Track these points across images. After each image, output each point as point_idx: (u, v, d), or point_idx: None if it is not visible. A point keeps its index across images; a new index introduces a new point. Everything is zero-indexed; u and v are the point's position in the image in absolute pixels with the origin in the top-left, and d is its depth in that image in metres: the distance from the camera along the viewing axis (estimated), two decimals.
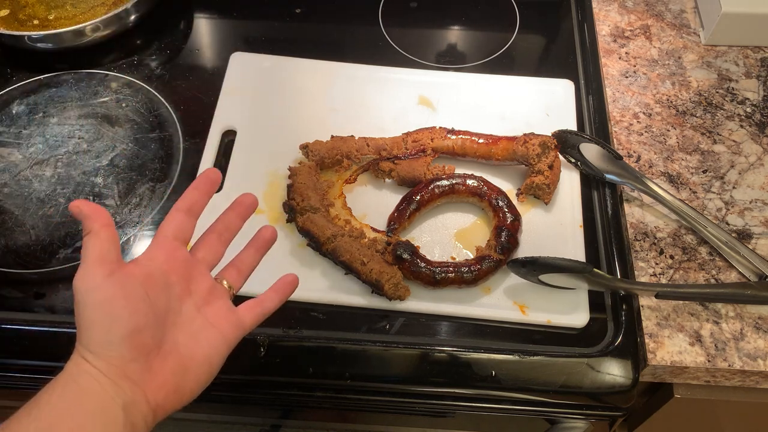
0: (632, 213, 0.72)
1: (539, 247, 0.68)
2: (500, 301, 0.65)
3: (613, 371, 0.61)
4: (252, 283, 0.63)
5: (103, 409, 0.45)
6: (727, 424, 0.81)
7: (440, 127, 0.74)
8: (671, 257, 0.68)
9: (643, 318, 0.64)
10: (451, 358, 0.62)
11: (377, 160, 0.72)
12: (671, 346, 0.63)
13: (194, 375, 0.49)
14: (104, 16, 0.82)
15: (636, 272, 0.68)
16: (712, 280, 0.67)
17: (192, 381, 0.49)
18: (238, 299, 0.55)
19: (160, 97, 0.82)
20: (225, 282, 0.55)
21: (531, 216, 0.71)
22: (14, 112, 0.81)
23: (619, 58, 0.85)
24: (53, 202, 0.73)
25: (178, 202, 0.55)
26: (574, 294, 0.65)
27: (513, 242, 0.66)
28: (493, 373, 0.61)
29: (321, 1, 0.92)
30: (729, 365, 0.62)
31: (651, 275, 0.67)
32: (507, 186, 0.73)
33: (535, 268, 0.63)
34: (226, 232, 0.57)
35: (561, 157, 0.73)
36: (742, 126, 0.78)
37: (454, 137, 0.73)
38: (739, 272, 0.67)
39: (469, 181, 0.70)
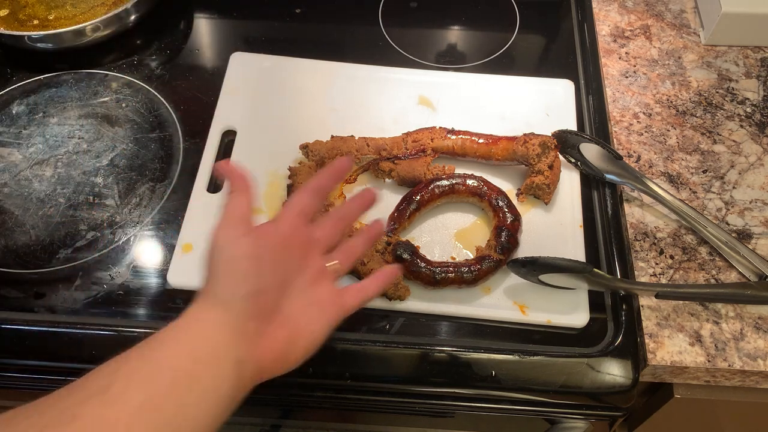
0: (632, 213, 0.72)
1: (539, 247, 0.68)
2: (500, 301, 0.65)
3: (613, 371, 0.61)
4: None
5: (217, 359, 0.46)
6: (727, 424, 0.81)
7: (440, 127, 0.74)
8: (671, 257, 0.68)
9: (643, 318, 0.64)
10: (451, 358, 0.62)
11: (377, 160, 0.72)
12: (671, 346, 0.63)
13: (299, 347, 0.51)
14: (104, 16, 0.82)
15: (636, 272, 0.68)
16: (712, 280, 0.67)
17: (296, 352, 0.51)
18: None
19: (160, 97, 0.82)
20: (333, 264, 0.56)
21: (531, 216, 0.71)
22: (14, 112, 0.81)
23: (619, 58, 0.85)
24: (53, 202, 0.73)
25: (309, 182, 0.58)
26: (574, 294, 0.65)
27: (513, 242, 0.66)
28: (493, 373, 0.61)
29: (321, 1, 0.92)
30: (729, 365, 0.62)
31: (651, 275, 0.67)
32: (507, 186, 0.73)
33: (535, 268, 0.63)
34: (346, 219, 0.58)
35: (561, 157, 0.73)
36: (742, 126, 0.78)
37: (454, 137, 0.73)
38: (739, 272, 0.67)
39: (469, 181, 0.70)
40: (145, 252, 0.70)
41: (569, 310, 0.64)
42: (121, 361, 0.45)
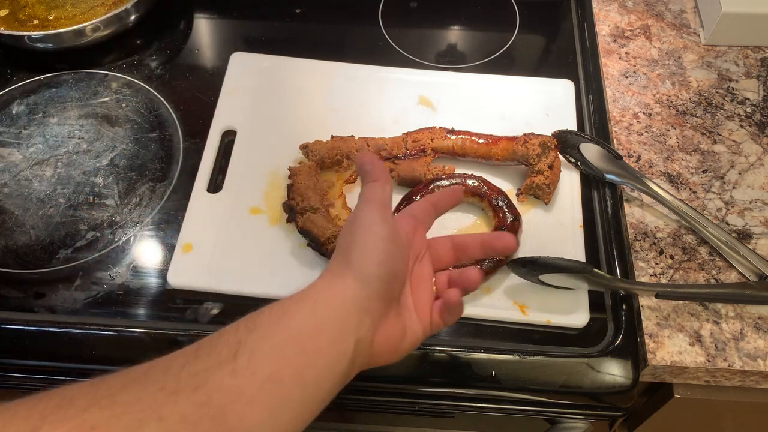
0: (632, 213, 0.72)
1: (539, 247, 0.68)
2: (500, 301, 0.65)
3: (613, 371, 0.61)
4: (253, 283, 0.63)
5: (341, 337, 0.46)
6: (727, 424, 0.81)
7: (440, 127, 0.74)
8: (671, 257, 0.68)
9: (643, 318, 0.64)
10: (451, 358, 0.62)
11: None
12: (671, 346, 0.63)
13: (407, 341, 0.51)
14: (104, 16, 0.82)
15: (636, 272, 0.68)
16: (712, 280, 0.67)
17: (404, 347, 0.51)
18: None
19: (160, 97, 0.82)
20: (434, 281, 0.57)
21: (531, 216, 0.71)
22: (14, 112, 0.81)
23: (619, 58, 0.85)
24: (53, 202, 0.73)
25: (429, 196, 0.60)
26: (574, 294, 0.65)
27: None
28: (493, 373, 0.61)
29: (321, 1, 0.92)
30: (729, 365, 0.62)
31: (651, 275, 0.67)
32: (507, 186, 0.73)
33: (535, 268, 0.63)
34: (462, 251, 0.58)
35: (561, 157, 0.73)
36: (742, 126, 0.78)
37: (454, 137, 0.73)
38: (739, 272, 0.67)
39: (469, 181, 0.70)
40: (145, 252, 0.70)
41: (569, 310, 0.64)
42: (248, 326, 0.44)
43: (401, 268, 0.50)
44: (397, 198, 0.70)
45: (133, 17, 0.85)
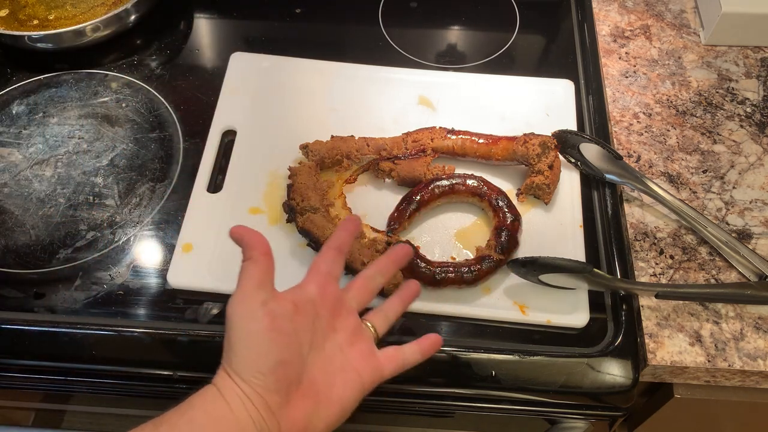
0: (632, 213, 0.72)
1: (539, 247, 0.68)
2: (500, 301, 0.65)
3: (613, 371, 0.61)
4: None
5: (242, 431, 0.46)
6: (727, 424, 0.81)
7: (440, 127, 0.74)
8: (671, 257, 0.68)
9: (643, 318, 0.64)
10: (451, 358, 0.62)
11: (377, 160, 0.72)
12: (671, 346, 0.63)
13: (325, 416, 0.50)
14: (104, 16, 0.82)
15: (636, 272, 0.68)
16: (712, 280, 0.67)
17: (322, 421, 0.50)
18: None
19: (160, 97, 0.82)
20: (370, 325, 0.56)
21: (531, 216, 0.71)
22: (14, 112, 0.81)
23: (619, 58, 0.85)
24: (53, 202, 0.73)
25: (329, 241, 0.56)
26: (574, 294, 0.65)
27: (513, 242, 0.66)
28: (493, 373, 0.61)
29: (321, 1, 0.92)
30: (729, 365, 0.62)
31: (651, 275, 0.67)
32: (507, 186, 0.73)
33: (535, 268, 0.63)
34: (379, 277, 0.57)
35: (561, 157, 0.73)
36: (742, 126, 0.78)
37: (454, 137, 0.73)
38: (739, 272, 0.67)
39: (469, 181, 0.70)
40: (145, 252, 0.70)
41: (569, 310, 0.64)
42: (153, 425, 0.45)
43: (291, 351, 0.49)
44: (396, 198, 0.70)
45: (133, 17, 0.85)
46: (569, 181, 0.73)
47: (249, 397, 0.47)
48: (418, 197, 0.69)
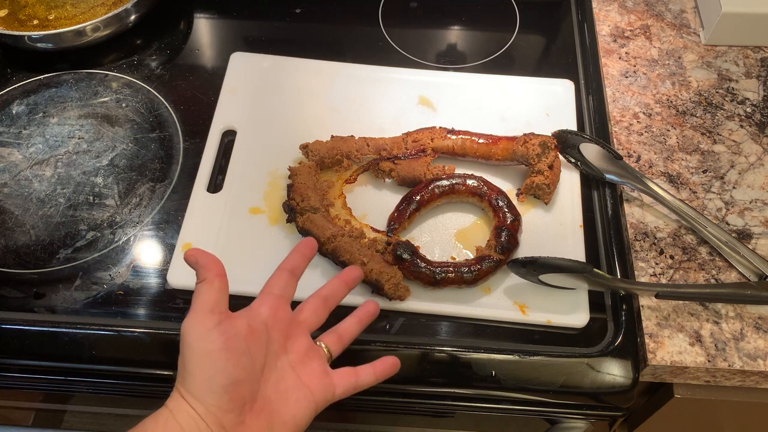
0: (632, 213, 0.72)
1: (539, 247, 0.68)
2: (500, 301, 0.65)
3: (613, 371, 0.61)
4: (253, 283, 0.63)
5: None
6: (727, 424, 0.81)
7: (440, 127, 0.74)
8: (671, 257, 0.68)
9: (643, 318, 0.64)
10: (451, 358, 0.62)
11: (377, 160, 0.72)
12: (671, 346, 0.63)
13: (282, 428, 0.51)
14: (104, 16, 0.82)
15: (636, 272, 0.68)
16: (712, 280, 0.67)
17: None
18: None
19: (160, 97, 0.82)
20: (323, 345, 0.56)
21: (531, 216, 0.71)
22: (14, 112, 0.81)
23: (619, 58, 0.85)
24: (53, 202, 0.73)
25: (283, 263, 0.57)
26: (574, 294, 0.65)
27: (513, 242, 0.66)
28: (493, 373, 0.61)
29: (321, 1, 0.92)
30: (729, 365, 0.62)
31: (651, 275, 0.67)
32: (507, 186, 0.73)
33: (535, 268, 0.63)
34: (331, 298, 0.58)
35: (561, 157, 0.73)
36: (742, 126, 0.78)
37: (454, 137, 0.73)
38: (739, 272, 0.67)
39: (469, 181, 0.70)
40: (145, 252, 0.70)
41: (569, 310, 0.64)
42: None
43: (244, 371, 0.49)
44: (396, 198, 0.70)
45: (133, 17, 0.85)
46: (569, 181, 0.73)
47: (203, 418, 0.47)
48: (418, 197, 0.69)
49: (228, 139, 0.76)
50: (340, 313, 0.60)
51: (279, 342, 0.53)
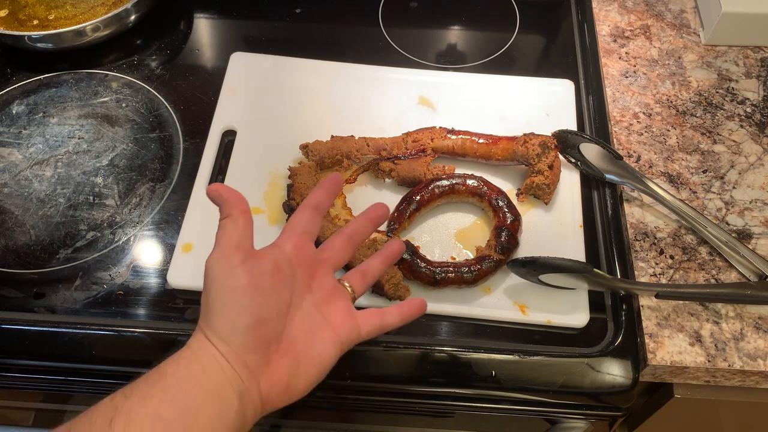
0: (632, 213, 0.72)
1: (539, 247, 0.68)
2: (500, 301, 0.65)
3: (613, 371, 0.61)
4: None
5: (220, 393, 0.45)
6: (727, 424, 0.81)
7: (440, 127, 0.74)
8: (671, 257, 0.68)
9: (643, 318, 0.64)
10: (451, 358, 0.62)
11: (377, 160, 0.72)
12: (671, 346, 0.63)
13: (306, 373, 0.50)
14: (104, 16, 0.82)
15: (636, 272, 0.68)
16: (712, 280, 0.67)
17: (303, 379, 0.49)
18: None
19: (160, 97, 0.82)
20: (347, 284, 0.55)
21: (531, 216, 0.71)
22: (14, 112, 0.81)
23: (619, 58, 0.85)
24: (53, 202, 0.73)
25: (307, 199, 0.56)
26: (574, 294, 0.65)
27: (513, 242, 0.66)
28: (493, 373, 0.61)
29: (321, 1, 0.92)
30: (729, 365, 0.62)
31: (651, 275, 0.67)
32: (507, 186, 0.73)
33: (535, 268, 0.63)
34: (356, 236, 0.57)
35: (561, 157, 0.73)
36: (742, 126, 0.78)
37: (454, 137, 0.73)
38: (739, 272, 0.67)
39: (469, 181, 0.70)
40: (145, 252, 0.70)
41: (569, 310, 0.64)
42: (123, 396, 0.44)
43: (269, 309, 0.48)
44: (396, 198, 0.70)
45: (133, 17, 0.85)
46: (569, 181, 0.73)
47: (226, 358, 0.46)
48: (418, 197, 0.69)
49: (228, 139, 0.76)
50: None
51: (304, 280, 0.52)
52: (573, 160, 0.73)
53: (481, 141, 0.73)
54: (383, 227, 0.69)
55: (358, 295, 0.56)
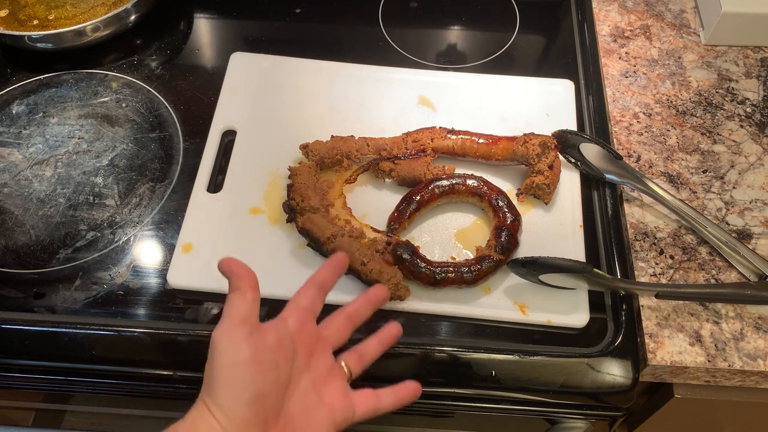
0: (632, 213, 0.72)
1: (539, 247, 0.68)
2: (500, 301, 0.65)
3: (613, 371, 0.61)
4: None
5: None
6: (727, 424, 0.81)
7: (440, 127, 0.74)
8: (671, 257, 0.68)
9: (643, 318, 0.64)
10: (451, 358, 0.62)
11: (377, 160, 0.72)
12: (671, 346, 0.63)
13: None
14: (104, 16, 0.82)
15: (636, 272, 0.68)
16: (712, 280, 0.67)
17: None
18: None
19: (160, 97, 0.82)
20: (344, 364, 0.56)
21: (531, 216, 0.71)
22: (14, 112, 0.81)
23: (619, 58, 0.85)
24: (53, 202, 0.73)
25: (313, 277, 0.57)
26: (574, 294, 0.65)
27: (513, 242, 0.66)
28: (493, 373, 0.61)
29: (321, 1, 0.92)
30: (729, 365, 0.62)
31: (651, 275, 0.67)
32: (507, 186, 0.73)
33: (535, 268, 0.63)
34: (356, 317, 0.58)
35: (561, 157, 0.73)
36: (742, 126, 0.78)
37: (454, 137, 0.73)
38: (739, 272, 0.67)
39: (469, 181, 0.70)
40: (145, 252, 0.70)
41: (569, 310, 0.64)
42: None
43: (271, 384, 0.49)
44: (396, 198, 0.70)
45: (133, 17, 0.85)
46: (569, 181, 0.73)
47: (228, 426, 0.47)
48: (418, 197, 0.69)
49: (228, 139, 0.76)
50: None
51: (303, 357, 0.53)
52: (573, 160, 0.73)
53: (481, 141, 0.73)
54: (383, 227, 0.69)
55: (354, 376, 0.56)
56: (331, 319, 0.57)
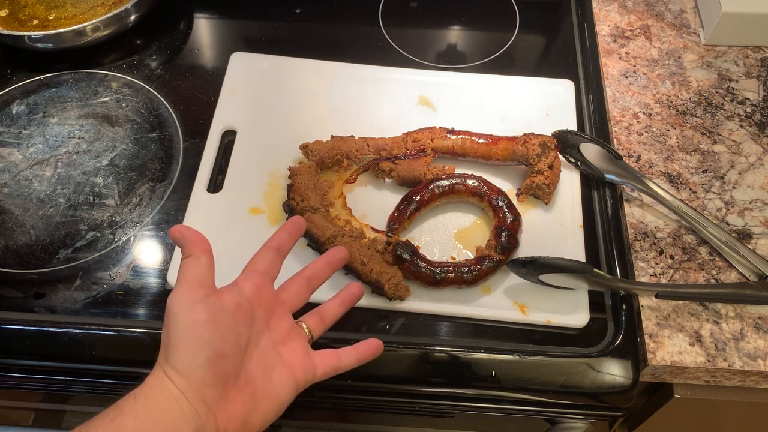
0: (632, 213, 0.72)
1: (539, 247, 0.68)
2: (500, 301, 0.65)
3: (613, 371, 0.61)
4: None
5: (176, 430, 0.46)
6: (727, 424, 0.81)
7: (440, 127, 0.74)
8: (671, 257, 0.68)
9: (643, 318, 0.64)
10: (451, 358, 0.62)
11: (377, 160, 0.72)
12: (671, 346, 0.63)
13: (262, 410, 0.50)
14: (104, 16, 0.82)
15: (636, 272, 0.68)
16: (712, 280, 0.67)
17: (260, 416, 0.50)
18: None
19: (160, 97, 0.82)
20: (305, 326, 0.56)
21: (531, 216, 0.71)
22: (14, 112, 0.81)
23: (619, 58, 0.85)
24: (53, 202, 0.73)
25: (269, 241, 0.57)
26: (574, 294, 0.65)
27: (513, 242, 0.66)
28: (493, 373, 0.61)
29: (321, 1, 0.92)
30: (729, 365, 0.62)
31: (651, 275, 0.67)
32: (507, 186, 0.73)
33: (535, 268, 0.63)
34: (315, 279, 0.58)
35: (561, 157, 0.73)
36: (742, 126, 0.78)
37: (454, 137, 0.73)
38: (739, 272, 0.67)
39: (469, 181, 0.70)
40: (145, 252, 0.70)
41: (569, 310, 0.64)
42: (81, 430, 0.45)
43: (229, 345, 0.49)
44: (396, 198, 0.70)
45: (133, 17, 0.85)
46: (569, 181, 0.73)
47: (184, 393, 0.47)
48: (418, 197, 0.69)
49: (228, 139, 0.76)
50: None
51: (262, 320, 0.53)
52: (573, 160, 0.73)
53: (481, 141, 0.73)
54: (383, 227, 0.69)
55: (315, 337, 0.57)
56: (290, 283, 0.57)
